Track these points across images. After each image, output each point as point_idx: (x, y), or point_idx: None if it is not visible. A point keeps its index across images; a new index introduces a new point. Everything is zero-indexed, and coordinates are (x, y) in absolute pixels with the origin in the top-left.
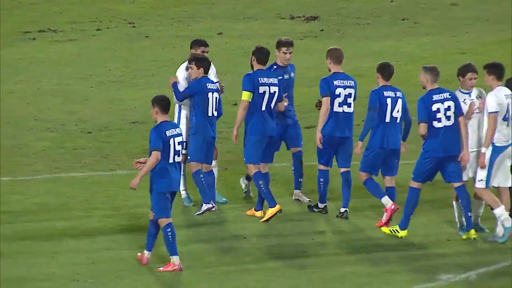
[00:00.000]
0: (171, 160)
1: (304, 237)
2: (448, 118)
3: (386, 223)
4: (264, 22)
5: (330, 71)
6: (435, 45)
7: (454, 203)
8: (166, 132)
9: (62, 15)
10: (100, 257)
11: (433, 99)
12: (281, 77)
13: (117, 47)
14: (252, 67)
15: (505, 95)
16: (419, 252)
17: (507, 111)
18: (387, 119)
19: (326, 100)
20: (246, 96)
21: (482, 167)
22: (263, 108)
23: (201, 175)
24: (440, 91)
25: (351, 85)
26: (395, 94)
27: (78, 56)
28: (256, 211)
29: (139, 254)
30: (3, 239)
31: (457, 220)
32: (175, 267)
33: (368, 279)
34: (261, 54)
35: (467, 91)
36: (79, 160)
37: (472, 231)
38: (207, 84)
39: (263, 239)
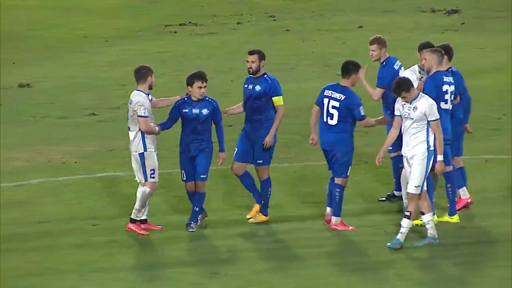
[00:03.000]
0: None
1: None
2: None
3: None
4: (405, 15)
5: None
6: None
7: None
8: None
9: (203, 8)
10: (239, 248)
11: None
12: None
13: (257, 41)
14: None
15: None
16: None
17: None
18: None
19: None
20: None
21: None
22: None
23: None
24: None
25: None
26: None
27: (219, 50)
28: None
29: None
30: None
31: None
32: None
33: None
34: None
35: None
36: None
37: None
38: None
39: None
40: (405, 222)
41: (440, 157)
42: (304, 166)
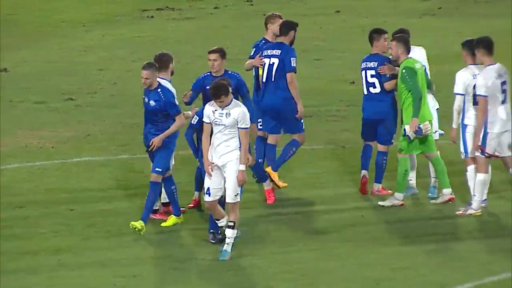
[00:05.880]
0: None
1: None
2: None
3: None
4: None
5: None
6: None
7: None
8: None
9: None
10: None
11: None
12: None
13: (234, 25)
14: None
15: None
16: None
17: None
18: None
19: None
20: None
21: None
22: None
23: None
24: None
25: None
26: None
27: (196, 35)
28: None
29: None
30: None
31: None
32: None
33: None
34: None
35: None
36: None
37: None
38: None
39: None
40: (229, 233)
41: (242, 167)
42: None
